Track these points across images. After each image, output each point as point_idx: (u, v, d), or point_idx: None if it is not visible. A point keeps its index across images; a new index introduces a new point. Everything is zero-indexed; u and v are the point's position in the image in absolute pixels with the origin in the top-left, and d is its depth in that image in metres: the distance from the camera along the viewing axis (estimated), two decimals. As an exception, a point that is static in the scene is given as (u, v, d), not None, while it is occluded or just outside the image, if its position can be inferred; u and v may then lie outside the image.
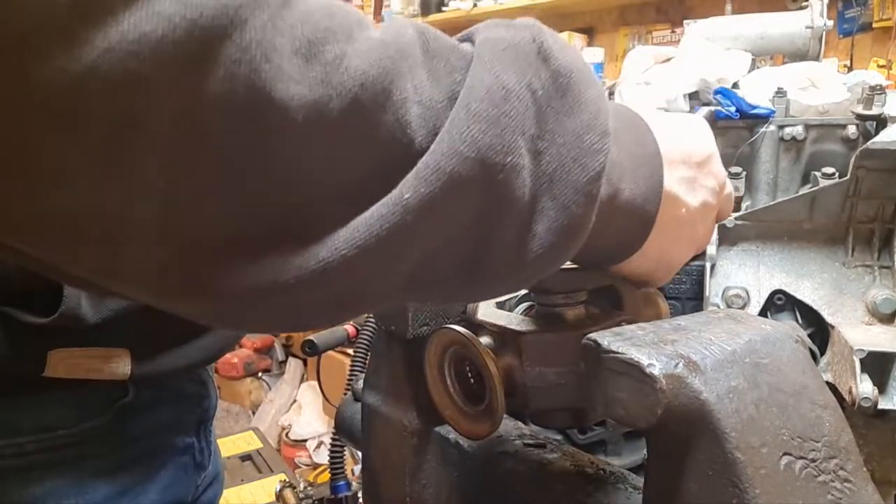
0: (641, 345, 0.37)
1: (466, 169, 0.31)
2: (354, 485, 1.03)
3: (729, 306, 1.13)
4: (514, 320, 0.48)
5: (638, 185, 0.40)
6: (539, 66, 0.35)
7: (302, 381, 3.35)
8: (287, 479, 1.72)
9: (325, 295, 0.32)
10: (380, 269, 0.32)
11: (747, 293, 1.13)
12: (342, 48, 0.30)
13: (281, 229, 0.31)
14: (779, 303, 1.14)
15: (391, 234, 0.31)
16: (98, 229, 0.29)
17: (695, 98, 1.42)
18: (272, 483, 1.62)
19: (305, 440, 3.06)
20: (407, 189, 0.31)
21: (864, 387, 0.95)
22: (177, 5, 0.26)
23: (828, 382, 1.04)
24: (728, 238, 1.15)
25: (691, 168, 0.45)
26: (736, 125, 1.24)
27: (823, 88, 1.29)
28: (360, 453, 0.79)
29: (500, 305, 0.53)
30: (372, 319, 0.84)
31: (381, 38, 0.32)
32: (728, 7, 2.90)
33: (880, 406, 0.96)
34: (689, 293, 1.16)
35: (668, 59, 1.56)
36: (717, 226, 1.12)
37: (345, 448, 0.96)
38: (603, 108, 0.36)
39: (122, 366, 0.60)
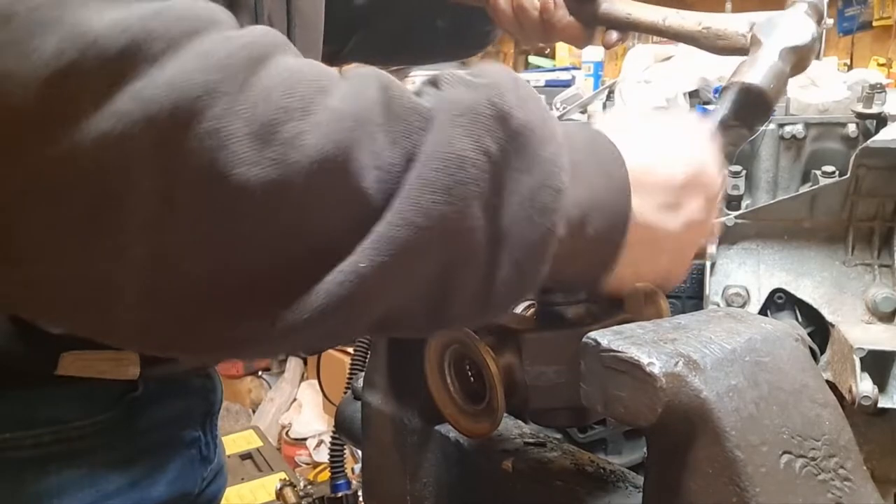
0: (641, 343, 0.37)
1: (421, 237, 0.33)
2: (354, 483, 1.02)
3: (729, 305, 1.13)
4: (514, 319, 0.48)
5: (603, 218, 0.41)
6: (495, 128, 0.36)
7: (302, 379, 3.34)
8: (287, 478, 1.72)
9: (294, 345, 0.35)
10: (345, 326, 0.34)
11: (747, 292, 1.13)
12: (299, 126, 0.31)
13: (251, 293, 0.32)
14: (779, 301, 1.14)
15: (350, 299, 0.33)
16: (82, 296, 0.31)
17: (695, 97, 1.42)
18: (272, 481, 1.63)
19: (305, 439, 3.05)
20: (363, 258, 0.32)
21: (864, 385, 0.95)
22: (133, 103, 0.28)
23: (828, 381, 1.04)
24: (728, 237, 1.15)
25: (671, 193, 0.45)
26: (736, 124, 1.24)
27: (823, 87, 1.29)
28: (360, 452, 0.79)
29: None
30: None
31: (339, 108, 0.33)
32: (728, 6, 2.89)
33: (880, 405, 0.96)
34: (689, 291, 1.16)
35: (669, 58, 1.56)
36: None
37: (345, 447, 0.96)
38: (558, 164, 0.37)
39: (130, 368, 0.61)
